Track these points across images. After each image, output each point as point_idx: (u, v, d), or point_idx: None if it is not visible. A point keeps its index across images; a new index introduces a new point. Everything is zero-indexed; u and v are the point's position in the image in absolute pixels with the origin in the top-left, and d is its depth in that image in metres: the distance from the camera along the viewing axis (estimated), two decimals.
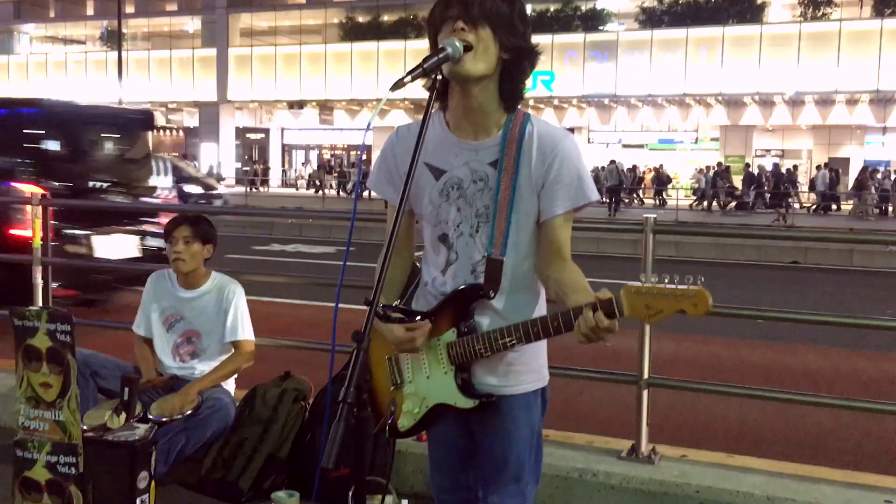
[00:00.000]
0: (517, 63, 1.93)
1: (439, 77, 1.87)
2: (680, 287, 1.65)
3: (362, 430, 1.67)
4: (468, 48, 1.84)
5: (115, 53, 30.91)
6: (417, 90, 1.91)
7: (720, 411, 5.03)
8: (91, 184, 7.24)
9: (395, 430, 2.02)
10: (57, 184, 6.55)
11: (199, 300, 3.85)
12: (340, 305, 2.02)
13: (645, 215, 3.44)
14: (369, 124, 1.88)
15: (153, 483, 2.88)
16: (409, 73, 1.78)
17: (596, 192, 1.96)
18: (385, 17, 38.44)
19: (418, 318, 1.92)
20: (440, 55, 1.81)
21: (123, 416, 2.98)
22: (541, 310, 2.04)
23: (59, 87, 42.22)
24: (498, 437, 2.03)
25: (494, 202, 1.91)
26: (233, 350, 3.86)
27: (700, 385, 3.78)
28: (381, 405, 2.05)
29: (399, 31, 36.69)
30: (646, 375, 3.46)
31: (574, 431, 3.83)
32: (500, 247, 1.91)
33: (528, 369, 2.03)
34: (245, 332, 3.84)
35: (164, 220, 5.41)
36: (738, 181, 30.06)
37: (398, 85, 1.76)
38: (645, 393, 3.47)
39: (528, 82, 2.00)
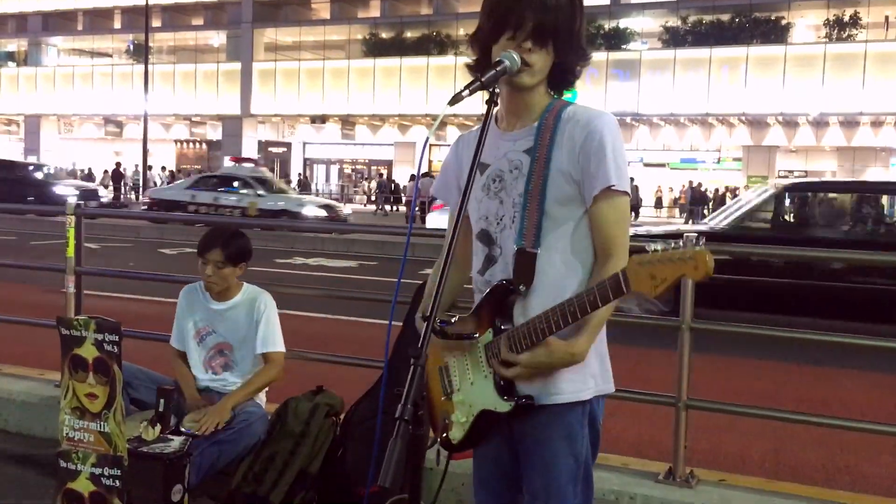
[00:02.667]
0: (567, 60, 1.90)
1: (497, 91, 1.82)
2: (678, 251, 1.55)
3: (418, 449, 1.62)
4: (527, 64, 1.81)
5: (142, 66, 31.25)
6: (439, 107, 1.85)
7: (756, 436, 4.94)
8: None
9: (448, 444, 1.95)
10: None
11: (231, 312, 3.83)
12: (363, 320, 1.97)
13: (686, 234, 3.38)
14: (427, 139, 1.85)
15: (187, 496, 2.86)
16: (467, 86, 1.75)
17: (623, 177, 1.83)
18: (408, 34, 38.68)
19: (476, 335, 1.87)
20: (497, 68, 1.78)
21: (158, 427, 2.96)
22: None
23: (86, 99, 42.77)
24: (537, 467, 1.91)
25: (525, 191, 1.85)
26: (263, 362, 3.84)
27: (740, 408, 3.71)
28: (437, 418, 1.99)
29: (422, 47, 36.90)
30: (684, 397, 3.39)
31: (611, 450, 3.77)
32: (532, 238, 1.83)
33: (571, 377, 1.86)
34: (276, 343, 3.81)
35: None
36: None
37: (457, 99, 1.73)
38: (683, 415, 3.40)
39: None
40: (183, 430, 3.49)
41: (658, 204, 35.10)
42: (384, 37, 39.43)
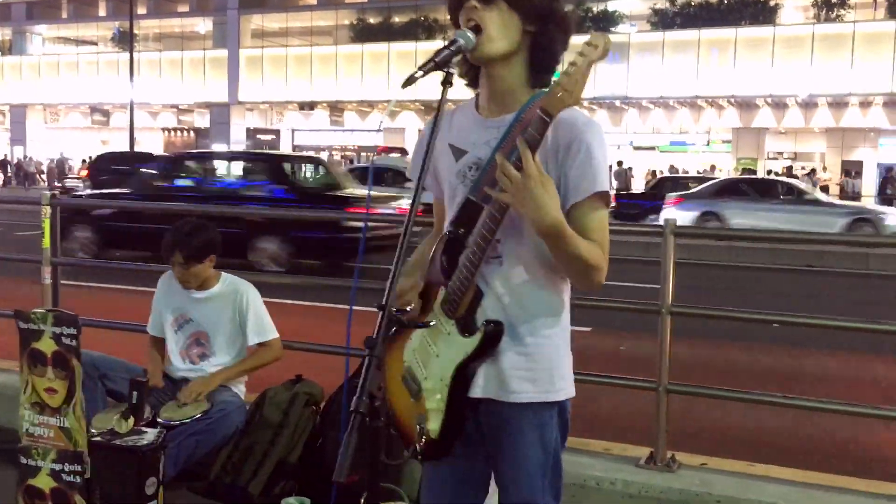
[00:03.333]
0: (545, 32, 1.80)
1: (454, 71, 1.75)
2: (579, 54, 1.62)
3: (375, 441, 1.58)
4: (478, 30, 1.74)
5: (128, 54, 30.97)
6: (428, 91, 1.81)
7: (738, 418, 4.93)
8: None
9: (430, 448, 1.85)
10: None
11: (209, 302, 3.79)
12: (356, 308, 1.93)
13: (665, 218, 3.35)
14: (380, 124, 1.81)
15: (161, 488, 2.82)
16: (421, 67, 1.69)
17: (607, 184, 1.77)
18: (396, 19, 38.44)
19: (432, 322, 1.83)
20: (451, 47, 1.72)
21: (132, 420, 2.92)
22: (551, 290, 1.86)
23: (72, 88, 42.42)
24: (505, 461, 1.88)
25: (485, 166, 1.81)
26: (243, 352, 3.81)
27: (720, 392, 3.70)
28: (410, 428, 1.89)
29: (410, 32, 36.67)
30: (665, 382, 3.37)
31: (589, 437, 3.75)
32: (485, 193, 1.76)
33: (537, 377, 1.83)
34: (270, 331, 3.80)
35: None
36: None
37: (410, 81, 1.69)
38: (664, 399, 3.38)
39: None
40: (159, 421, 3.46)
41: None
42: (372, 22, 39.16)
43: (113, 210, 11.03)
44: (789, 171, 30.46)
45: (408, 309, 1.82)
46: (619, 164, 28.47)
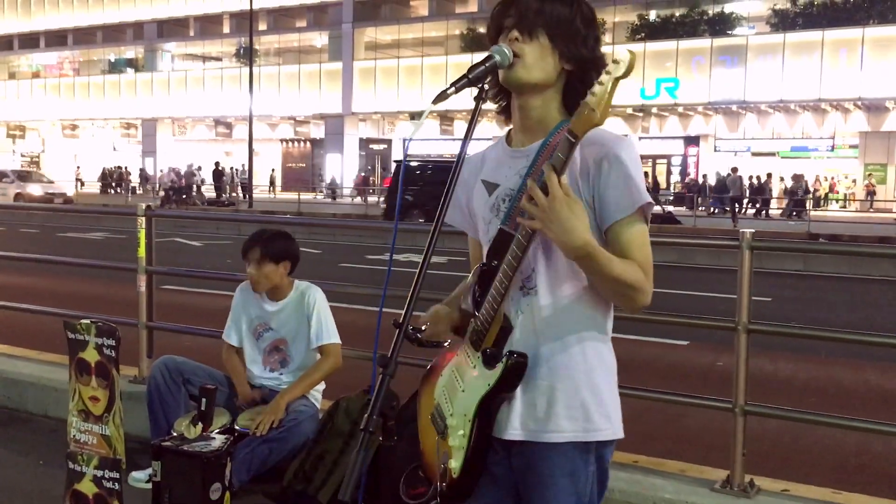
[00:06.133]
0: (582, 76, 1.77)
1: (487, 87, 1.75)
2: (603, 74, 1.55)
3: (386, 462, 1.57)
4: (519, 56, 1.73)
5: (248, 69, 32.27)
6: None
7: (822, 438, 4.65)
8: None
9: (451, 488, 1.78)
10: None
11: (283, 311, 3.89)
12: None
13: (741, 230, 3.20)
14: (409, 139, 1.79)
15: (227, 494, 2.90)
16: (454, 83, 1.68)
17: (647, 196, 1.70)
18: None
19: (447, 343, 1.80)
20: (487, 63, 1.70)
21: (200, 426, 3.02)
22: (591, 321, 1.79)
23: (197, 101, 44.56)
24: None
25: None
26: (319, 357, 3.88)
27: (800, 415, 3.49)
28: (435, 468, 1.83)
29: None
30: (741, 402, 3.22)
31: (671, 455, 3.63)
32: (517, 223, 1.71)
33: (574, 414, 1.74)
34: (331, 335, 3.83)
35: None
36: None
37: (442, 96, 1.67)
38: (740, 421, 3.23)
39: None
40: (237, 428, 3.57)
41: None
42: (482, 31, 39.30)
43: None
44: None
45: (423, 328, 1.79)
46: (734, 170, 27.47)
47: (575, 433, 1.75)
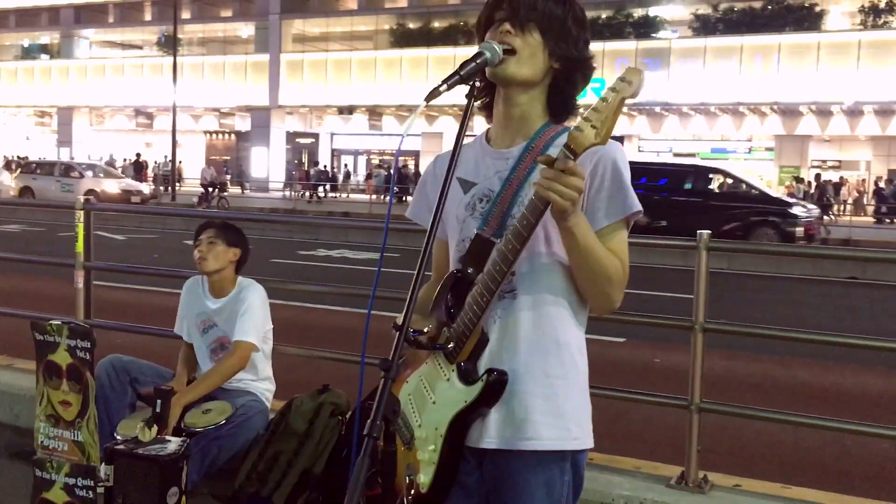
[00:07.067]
0: (568, 75, 1.79)
1: (478, 84, 1.71)
2: (609, 90, 1.51)
3: (391, 466, 1.53)
4: (510, 52, 1.71)
5: (171, 58, 31.43)
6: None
7: (774, 435, 4.81)
8: None
9: (421, 502, 1.72)
10: None
11: (225, 308, 3.77)
12: (379, 313, 1.84)
13: (699, 231, 3.27)
14: (403, 135, 1.75)
15: (184, 498, 2.81)
16: (446, 80, 1.65)
17: (638, 203, 1.72)
18: (435, 24, 38.51)
19: (451, 345, 1.74)
20: (478, 60, 1.67)
21: (155, 429, 2.91)
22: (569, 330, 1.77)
23: (117, 91, 43.20)
24: None
25: (485, 219, 1.74)
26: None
27: (756, 412, 3.59)
28: (398, 478, 1.74)
29: (449, 37, 36.71)
30: (697, 400, 3.28)
31: (620, 452, 3.67)
32: (496, 226, 1.71)
33: (552, 422, 1.71)
34: (245, 333, 3.61)
35: None
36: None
37: (434, 94, 1.64)
38: (695, 418, 3.29)
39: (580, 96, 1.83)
40: (184, 426, 3.44)
41: None
42: (411, 27, 39.28)
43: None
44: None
45: (425, 330, 1.74)
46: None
47: (552, 441, 1.72)
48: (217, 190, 27.55)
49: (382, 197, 31.21)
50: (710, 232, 3.28)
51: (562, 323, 1.75)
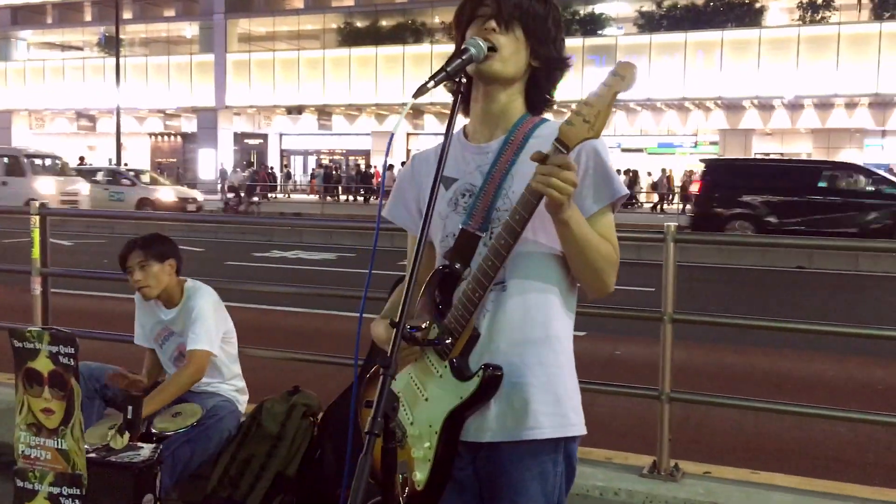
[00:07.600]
0: (547, 73, 1.82)
1: (464, 80, 1.73)
2: (601, 86, 1.55)
3: (391, 463, 1.53)
4: (493, 49, 1.72)
5: (113, 59, 30.79)
6: (442, 94, 1.77)
7: (738, 422, 4.92)
8: None
9: (414, 500, 1.72)
10: None
11: (179, 317, 3.65)
12: (340, 313, 1.82)
13: (666, 224, 3.32)
14: (393, 134, 1.74)
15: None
16: (433, 77, 1.64)
17: (624, 187, 1.76)
18: (383, 22, 38.43)
19: (448, 340, 1.74)
20: (463, 56, 1.68)
21: (127, 436, 2.86)
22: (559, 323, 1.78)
23: (57, 93, 42.15)
24: None
25: (469, 215, 1.75)
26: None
27: (724, 400, 3.66)
28: (393, 481, 1.71)
29: (397, 36, 36.66)
30: (667, 390, 3.34)
31: (589, 444, 3.71)
32: (480, 220, 1.73)
33: (549, 410, 1.73)
34: (198, 341, 3.48)
35: None
36: None
37: (421, 90, 1.64)
38: (666, 408, 3.35)
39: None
40: (154, 431, 3.38)
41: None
42: (359, 26, 39.15)
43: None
44: None
45: (422, 326, 1.75)
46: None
47: (552, 429, 1.74)
48: (245, 194, 26.30)
49: (328, 198, 30.99)
50: (677, 224, 3.33)
51: (552, 312, 1.77)
